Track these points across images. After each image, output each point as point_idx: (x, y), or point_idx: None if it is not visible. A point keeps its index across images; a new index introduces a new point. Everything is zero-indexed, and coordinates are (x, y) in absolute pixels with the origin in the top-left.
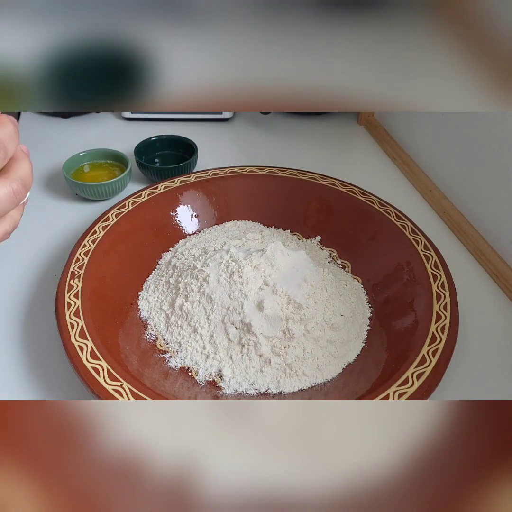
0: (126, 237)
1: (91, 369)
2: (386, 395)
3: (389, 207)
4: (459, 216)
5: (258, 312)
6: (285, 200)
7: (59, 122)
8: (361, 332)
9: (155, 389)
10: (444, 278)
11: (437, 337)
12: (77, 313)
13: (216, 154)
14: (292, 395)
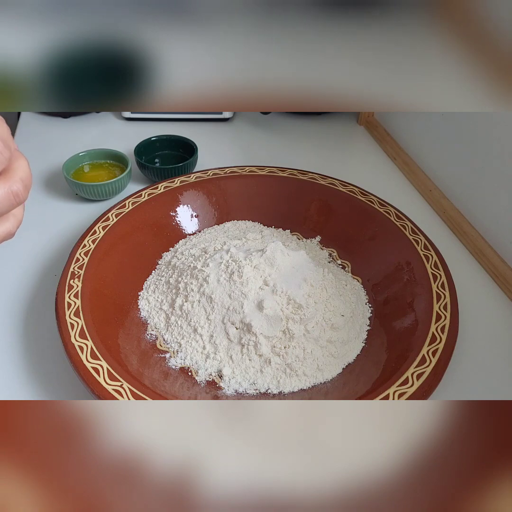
0: (126, 237)
1: (91, 369)
2: (386, 395)
3: (389, 207)
4: (459, 216)
5: (258, 312)
6: (285, 200)
7: (59, 122)
8: (361, 332)
9: (155, 389)
10: (444, 278)
11: (437, 337)
12: (77, 313)
13: (216, 154)
14: (292, 395)
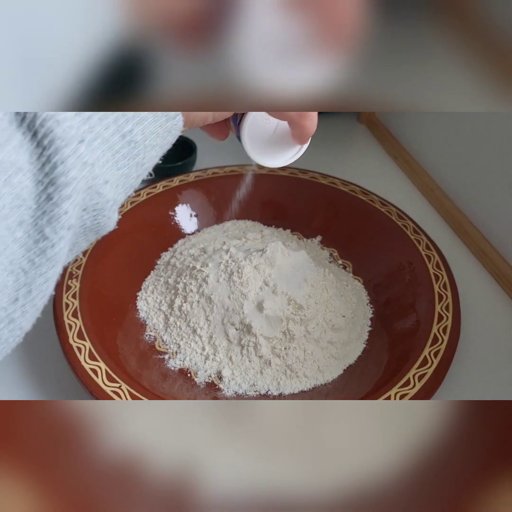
0: (124, 237)
1: (89, 370)
2: (388, 397)
3: (391, 206)
4: (461, 216)
5: (258, 312)
6: (285, 200)
7: None
8: (362, 333)
9: (154, 390)
10: (446, 278)
11: (439, 338)
12: (75, 313)
13: (215, 153)
14: (292, 397)
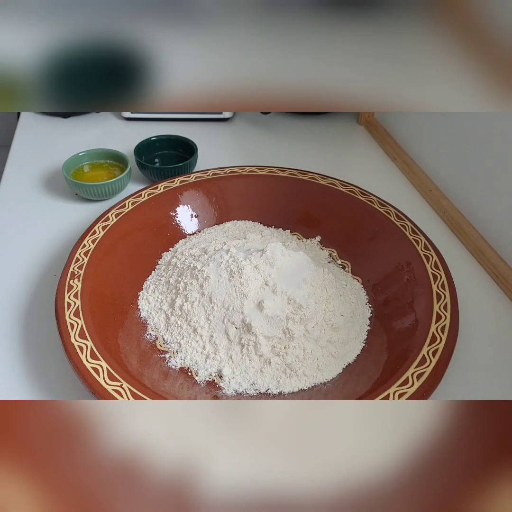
0: (126, 237)
1: (91, 369)
2: (386, 395)
3: (389, 207)
4: (459, 216)
5: (258, 312)
6: (285, 200)
7: (59, 122)
8: (361, 332)
9: (155, 389)
10: (444, 278)
11: (437, 337)
12: (77, 313)
13: (216, 154)
14: (292, 395)
